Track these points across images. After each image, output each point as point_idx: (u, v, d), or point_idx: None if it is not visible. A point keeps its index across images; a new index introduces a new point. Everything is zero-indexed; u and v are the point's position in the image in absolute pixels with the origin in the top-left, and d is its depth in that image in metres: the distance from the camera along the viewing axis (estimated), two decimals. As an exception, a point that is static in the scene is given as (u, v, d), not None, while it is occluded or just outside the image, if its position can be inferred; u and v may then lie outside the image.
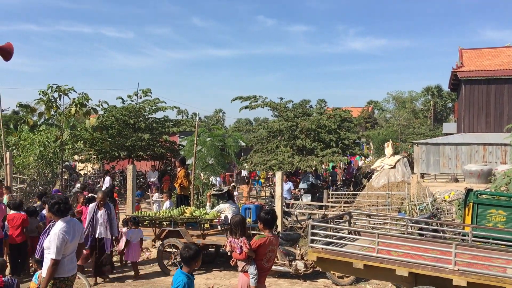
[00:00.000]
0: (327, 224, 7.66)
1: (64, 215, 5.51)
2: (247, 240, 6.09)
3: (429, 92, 60.75)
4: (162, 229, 9.95)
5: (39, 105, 18.70)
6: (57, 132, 20.45)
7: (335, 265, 6.92)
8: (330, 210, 14.30)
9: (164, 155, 23.37)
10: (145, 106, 23.04)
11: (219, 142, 17.43)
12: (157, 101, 23.22)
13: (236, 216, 6.49)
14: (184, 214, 9.94)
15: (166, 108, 23.54)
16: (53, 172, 20.35)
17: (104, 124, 21.55)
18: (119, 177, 22.86)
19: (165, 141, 23.43)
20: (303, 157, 18.89)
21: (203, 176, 16.50)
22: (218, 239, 9.67)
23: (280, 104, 21.69)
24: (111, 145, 21.64)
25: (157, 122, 23.72)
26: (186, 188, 12.24)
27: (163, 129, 23.45)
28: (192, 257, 4.89)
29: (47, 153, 20.07)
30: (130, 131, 22.18)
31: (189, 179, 12.40)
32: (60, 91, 18.32)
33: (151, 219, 10.08)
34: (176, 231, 9.79)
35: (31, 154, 20.14)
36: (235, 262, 6.24)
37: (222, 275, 9.62)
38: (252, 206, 10.06)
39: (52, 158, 20.27)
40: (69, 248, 5.49)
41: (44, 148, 20.14)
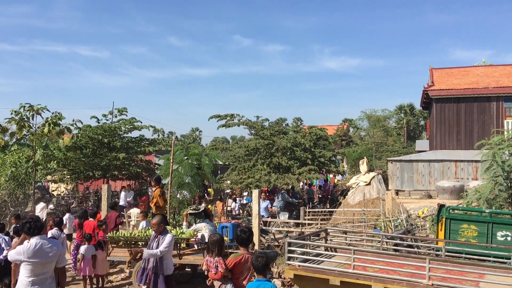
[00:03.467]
0: (304, 241, 7.70)
1: (34, 234, 5.42)
2: (223, 259, 6.08)
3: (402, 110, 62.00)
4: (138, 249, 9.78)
5: (10, 124, 18.31)
6: (30, 152, 20.02)
7: (312, 282, 6.95)
8: (307, 228, 14.36)
9: (139, 174, 23.12)
10: (120, 125, 22.83)
11: (195, 161, 17.41)
12: (133, 120, 23.07)
13: (214, 235, 6.48)
14: (160, 233, 9.81)
15: (142, 127, 23.39)
16: (25, 193, 19.87)
17: (78, 143, 21.19)
18: (93, 197, 22.46)
19: (141, 161, 23.21)
20: (279, 175, 18.97)
21: (180, 195, 16.37)
22: (194, 259, 9.57)
23: (257, 122, 21.82)
24: (85, 165, 21.30)
25: (132, 141, 23.51)
26: (162, 207, 12.11)
27: (139, 148, 23.25)
28: (265, 264, 5.13)
29: (19, 174, 19.61)
30: (105, 150, 21.90)
31: (164, 198, 12.27)
32: (33, 110, 17.98)
33: (126, 239, 9.92)
34: (152, 252, 9.64)
35: (2, 175, 19.64)
36: (211, 282, 6.22)
37: (199, 295, 9.51)
38: (229, 225, 10.05)
39: (24, 179, 19.81)
40: (37, 269, 5.35)
41: (16, 168, 19.69)
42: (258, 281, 5.11)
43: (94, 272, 10.04)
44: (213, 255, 6.14)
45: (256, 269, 5.17)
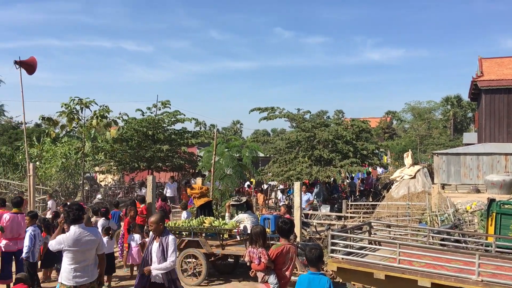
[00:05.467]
0: (347, 234, 7.62)
1: (74, 222, 5.63)
2: (266, 250, 6.11)
3: (448, 102, 60.05)
4: (181, 239, 10.00)
5: (61, 117, 19.08)
6: (79, 144, 20.81)
7: (356, 275, 6.88)
8: (349, 221, 14.20)
9: (182, 166, 23.52)
10: (164, 118, 23.27)
11: (236, 153, 17.54)
12: (176, 113, 23.45)
13: (257, 227, 6.51)
14: (204, 224, 9.98)
15: (184, 120, 23.75)
16: (74, 183, 20.66)
17: (124, 136, 21.82)
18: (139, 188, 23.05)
19: (184, 152, 23.60)
20: (321, 168, 18.82)
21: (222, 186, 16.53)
22: (237, 249, 9.67)
23: (298, 115, 21.70)
24: (131, 157, 21.89)
25: (175, 134, 23.92)
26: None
27: (182, 141, 23.63)
28: (319, 256, 5.12)
29: (69, 165, 20.43)
30: (149, 142, 22.41)
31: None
32: (82, 104, 18.68)
33: (171, 229, 10.14)
34: (196, 241, 9.83)
35: (53, 166, 20.53)
36: (254, 273, 6.26)
37: (241, 285, 9.61)
38: (271, 216, 10.07)
39: (73, 170, 20.60)
40: (78, 257, 5.57)
41: (66, 159, 20.52)
42: (312, 274, 5.08)
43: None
44: (256, 246, 6.18)
45: (310, 261, 5.16)
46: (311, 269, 5.15)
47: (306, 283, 5.09)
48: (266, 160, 25.61)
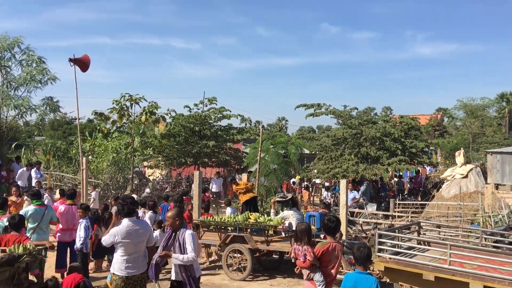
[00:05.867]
0: (395, 233, 7.46)
1: (127, 216, 5.82)
2: (311, 248, 6.07)
3: (503, 99, 57.27)
4: (227, 234, 10.11)
5: (112, 113, 19.68)
6: (128, 139, 21.44)
7: (404, 276, 6.72)
8: (396, 220, 13.88)
9: (228, 162, 23.75)
10: (210, 114, 23.57)
11: (282, 150, 17.54)
12: (222, 109, 23.68)
13: (302, 224, 6.48)
14: (249, 220, 10.05)
15: (230, 116, 23.95)
16: (124, 177, 21.30)
17: (172, 131, 22.27)
18: (185, 183, 23.50)
19: (229, 148, 23.82)
20: (368, 165, 18.50)
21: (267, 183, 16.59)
22: (282, 246, 9.68)
23: (344, 111, 21.42)
24: (178, 152, 22.32)
25: (221, 130, 24.17)
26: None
27: (228, 137, 23.87)
28: (367, 256, 5.05)
29: (119, 159, 21.07)
30: (196, 138, 22.76)
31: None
32: (132, 100, 19.21)
33: (217, 224, 10.29)
34: (241, 237, 9.91)
35: (104, 160, 21.25)
36: (299, 270, 6.23)
37: (286, 282, 9.61)
38: (317, 214, 9.99)
39: (123, 164, 21.25)
40: (130, 249, 5.74)
41: (117, 154, 21.18)
42: (359, 273, 5.02)
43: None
44: (301, 244, 6.15)
45: (357, 260, 5.09)
46: (358, 268, 5.08)
47: (353, 282, 5.02)
48: (311, 157, 25.45)
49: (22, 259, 5.50)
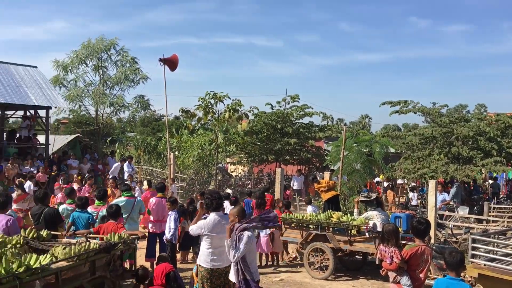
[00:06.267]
0: (491, 239, 6.96)
1: (215, 210, 6.00)
2: (398, 250, 5.86)
3: None
4: (309, 232, 10.05)
5: (198, 111, 20.40)
6: (213, 135, 22.09)
7: (500, 284, 6.27)
8: (491, 225, 12.96)
9: (309, 159, 23.62)
10: (292, 112, 23.57)
11: (365, 148, 17.07)
12: (304, 106, 23.58)
13: (389, 225, 6.27)
14: (331, 219, 9.90)
15: (312, 114, 23.78)
16: (208, 172, 21.99)
17: (254, 128, 22.58)
18: (267, 180, 23.75)
19: (311, 146, 23.68)
20: (459, 166, 17.45)
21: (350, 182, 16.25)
22: (365, 247, 9.43)
23: (434, 109, 20.37)
24: (260, 149, 22.60)
25: (303, 127, 24.08)
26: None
27: (309, 134, 23.73)
28: (460, 261, 4.87)
29: (204, 155, 21.79)
30: (278, 135, 22.88)
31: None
32: (216, 98, 19.77)
33: (299, 222, 10.26)
34: (323, 236, 9.80)
35: (190, 156, 22.09)
36: (385, 272, 6.05)
37: (369, 284, 9.36)
38: (403, 215, 9.60)
39: (208, 160, 21.93)
40: (216, 242, 5.89)
41: (201, 150, 21.91)
42: (451, 279, 4.75)
43: (271, 250, 10.61)
44: (388, 245, 5.95)
45: (449, 265, 4.83)
46: (449, 274, 4.80)
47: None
48: (397, 156, 24.54)
49: (117, 247, 5.86)
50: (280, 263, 10.97)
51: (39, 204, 8.02)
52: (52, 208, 8.01)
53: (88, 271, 5.50)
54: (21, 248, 5.46)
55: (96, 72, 27.48)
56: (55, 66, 26.98)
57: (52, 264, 4.91)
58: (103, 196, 9.08)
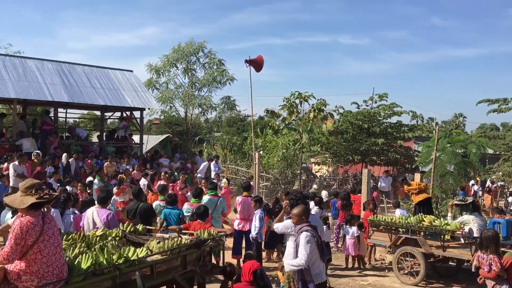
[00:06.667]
0: None
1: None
2: (498, 257, 5.48)
3: None
4: (398, 236, 9.68)
5: (282, 111, 20.52)
6: (297, 135, 22.09)
7: None
8: None
9: (398, 160, 22.78)
10: (380, 111, 22.89)
11: (460, 149, 16.10)
12: (392, 105, 22.80)
13: (489, 231, 5.88)
14: (423, 222, 9.45)
15: (401, 113, 22.91)
16: (293, 172, 22.03)
17: (340, 128, 22.25)
18: (352, 181, 23.30)
19: (400, 147, 22.82)
20: None
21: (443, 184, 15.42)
22: (460, 253, 8.88)
23: (540, 106, 18.74)
24: (345, 149, 22.22)
25: (391, 127, 23.29)
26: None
27: (398, 134, 22.88)
28: None
29: (288, 155, 21.86)
30: (364, 135, 22.34)
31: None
32: (301, 98, 19.76)
33: (387, 225, 9.92)
34: (413, 240, 9.39)
35: (274, 156, 22.27)
36: (482, 280, 5.71)
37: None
38: (502, 221, 8.94)
39: (292, 160, 21.98)
40: None
41: (286, 150, 22.00)
42: None
43: (358, 252, 10.40)
44: (486, 252, 5.58)
45: None
46: None
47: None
48: (495, 158, 22.88)
49: (207, 243, 6.06)
50: (366, 266, 10.69)
51: (134, 200, 8.54)
52: (146, 204, 8.47)
53: (180, 265, 5.73)
54: (120, 241, 5.82)
55: (185, 75, 28.71)
56: (148, 70, 28.61)
57: (148, 257, 5.19)
58: (199, 194, 9.50)
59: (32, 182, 4.21)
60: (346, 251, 10.43)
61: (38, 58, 19.62)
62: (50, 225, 4.17)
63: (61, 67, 19.79)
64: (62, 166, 15.31)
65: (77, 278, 4.34)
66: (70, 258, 4.64)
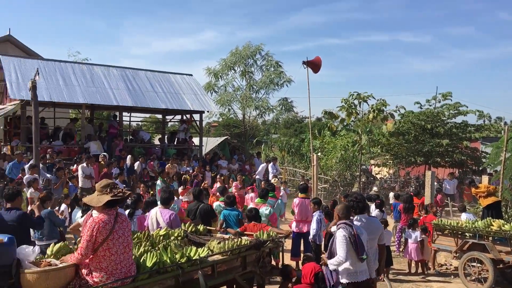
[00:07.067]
0: None
1: (361, 212, 5.90)
2: None
3: None
4: (464, 240, 9.26)
5: (340, 112, 20.23)
6: (356, 137, 21.67)
7: None
8: None
9: (464, 162, 21.74)
10: (444, 111, 21.98)
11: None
12: (457, 105, 21.81)
13: None
14: (491, 227, 8.99)
15: (467, 112, 21.86)
16: (352, 174, 21.64)
17: (401, 129, 21.60)
18: (414, 183, 22.53)
19: (466, 148, 21.77)
20: None
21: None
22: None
23: None
24: (407, 150, 21.52)
25: (456, 127, 22.28)
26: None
27: (463, 135, 21.84)
28: None
29: (347, 157, 21.50)
30: (427, 136, 21.52)
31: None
32: (360, 98, 19.37)
33: (453, 229, 9.52)
34: (481, 245, 8.94)
35: (333, 157, 21.99)
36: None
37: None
38: None
39: (351, 161, 21.59)
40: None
41: (345, 151, 21.66)
42: None
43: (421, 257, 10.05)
44: None
45: None
46: None
47: None
48: None
49: (266, 244, 6.09)
50: (430, 271, 10.31)
51: (195, 201, 8.75)
52: (206, 204, 8.67)
53: (240, 266, 5.80)
54: (182, 241, 5.98)
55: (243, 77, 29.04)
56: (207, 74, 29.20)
57: (209, 257, 5.30)
58: (264, 195, 9.58)
59: (107, 182, 4.47)
60: (408, 256, 10.11)
61: (104, 65, 20.61)
62: (121, 225, 4.36)
63: (125, 72, 20.66)
64: (126, 168, 15.97)
65: (143, 276, 4.50)
66: (136, 256, 4.83)
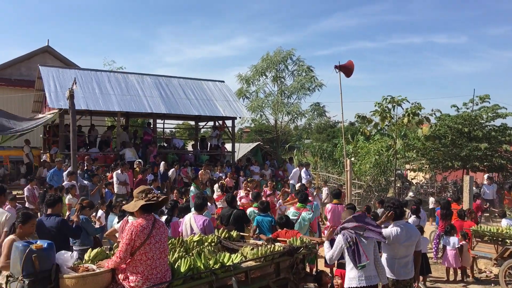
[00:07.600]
0: None
1: (398, 218, 5.83)
2: None
3: None
4: (505, 247, 8.94)
5: (374, 116, 19.92)
6: (390, 141, 21.30)
7: None
8: None
9: (504, 166, 21.01)
10: (481, 114, 21.34)
11: None
12: (496, 107, 21.13)
13: None
14: (535, 234, 8.65)
15: (506, 115, 21.15)
16: (386, 179, 21.27)
17: (437, 133, 21.08)
18: (452, 188, 21.95)
19: (506, 151, 21.05)
20: None
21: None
22: None
23: None
24: (444, 155, 20.99)
25: (496, 131, 21.58)
26: None
27: (503, 138, 21.12)
28: None
29: (381, 161, 21.15)
30: (465, 140, 20.94)
31: None
32: (394, 102, 19.02)
33: (493, 236, 9.21)
34: (524, 253, 8.62)
35: (367, 162, 21.68)
36: None
37: None
38: None
39: (385, 166, 21.23)
40: (401, 251, 5.64)
41: (379, 156, 21.31)
42: None
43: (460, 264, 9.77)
44: None
45: None
46: None
47: None
48: None
49: (299, 251, 6.04)
50: (469, 279, 9.99)
51: (227, 207, 8.79)
52: (240, 210, 8.68)
53: (273, 272, 5.76)
54: (215, 247, 6.01)
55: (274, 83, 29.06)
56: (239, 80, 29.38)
57: (242, 263, 5.30)
58: (304, 199, 9.54)
59: (143, 188, 4.60)
60: (447, 263, 9.84)
61: (138, 73, 21.06)
62: (159, 231, 4.44)
63: (158, 80, 21.04)
64: (160, 174, 16.21)
65: (177, 281, 4.54)
66: (170, 261, 4.88)
